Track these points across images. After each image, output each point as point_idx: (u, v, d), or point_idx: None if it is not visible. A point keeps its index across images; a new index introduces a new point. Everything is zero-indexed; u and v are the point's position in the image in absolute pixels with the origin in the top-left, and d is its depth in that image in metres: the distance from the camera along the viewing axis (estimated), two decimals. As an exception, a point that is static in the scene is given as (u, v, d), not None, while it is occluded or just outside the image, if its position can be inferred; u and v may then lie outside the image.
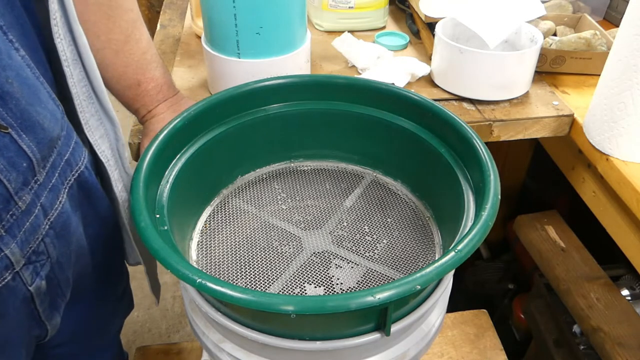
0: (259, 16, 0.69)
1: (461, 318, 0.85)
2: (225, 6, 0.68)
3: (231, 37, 0.71)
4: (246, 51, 0.72)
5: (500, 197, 0.45)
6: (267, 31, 0.70)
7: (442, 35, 0.79)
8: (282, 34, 0.73)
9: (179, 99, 0.66)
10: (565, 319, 0.92)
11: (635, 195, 0.66)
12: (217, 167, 0.58)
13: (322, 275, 0.51)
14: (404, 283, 0.37)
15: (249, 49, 0.72)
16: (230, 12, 0.68)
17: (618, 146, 0.69)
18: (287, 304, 0.36)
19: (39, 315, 0.52)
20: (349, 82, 0.60)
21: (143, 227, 0.41)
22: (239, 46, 0.72)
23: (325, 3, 0.97)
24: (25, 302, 0.49)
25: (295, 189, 0.61)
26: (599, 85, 0.71)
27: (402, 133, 0.58)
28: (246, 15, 0.69)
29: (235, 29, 0.70)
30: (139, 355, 0.81)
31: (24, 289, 0.48)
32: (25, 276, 0.48)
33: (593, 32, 0.84)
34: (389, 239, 0.56)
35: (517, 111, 0.78)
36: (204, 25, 0.76)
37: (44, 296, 0.51)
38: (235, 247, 0.54)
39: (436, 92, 0.82)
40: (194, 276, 0.37)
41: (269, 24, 0.70)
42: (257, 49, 0.72)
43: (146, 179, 0.46)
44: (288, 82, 0.59)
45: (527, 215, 1.04)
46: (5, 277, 0.46)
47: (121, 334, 0.76)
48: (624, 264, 0.93)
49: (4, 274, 0.45)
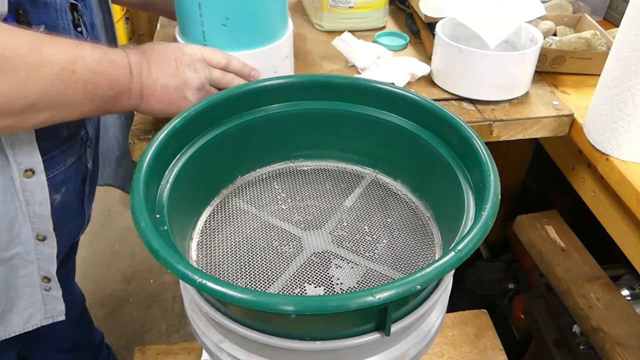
0: (225, 6, 0.65)
1: (461, 318, 0.85)
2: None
3: (197, 28, 0.67)
4: (213, 43, 0.68)
5: (500, 197, 0.45)
6: (234, 22, 0.66)
7: (442, 35, 0.79)
8: (252, 26, 0.68)
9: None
10: (565, 319, 0.92)
11: (635, 195, 0.66)
12: (217, 167, 0.58)
13: (322, 275, 0.51)
14: (404, 283, 0.37)
15: (215, 41, 0.68)
16: (194, 0, 0.65)
17: (618, 146, 0.69)
18: (287, 304, 0.36)
19: (83, 200, 0.71)
20: (348, 82, 0.60)
21: (143, 227, 0.41)
22: (205, 37, 0.68)
23: (325, 3, 0.97)
24: (83, 179, 0.70)
25: (295, 189, 0.61)
26: (599, 85, 0.71)
27: (402, 133, 0.58)
28: (211, 5, 0.65)
29: (200, 19, 0.66)
30: (139, 355, 0.81)
31: (84, 167, 0.69)
32: (87, 154, 0.69)
33: (593, 32, 0.84)
34: (389, 239, 0.56)
35: (517, 111, 0.78)
36: (176, 15, 0.72)
37: (89, 182, 0.71)
38: (235, 247, 0.54)
39: (436, 92, 0.82)
40: (194, 276, 0.37)
41: (236, 15, 0.66)
42: (224, 42, 0.68)
43: (146, 179, 0.46)
44: (288, 82, 0.59)
45: (527, 215, 1.04)
46: (83, 149, 0.67)
47: (121, 334, 0.77)
48: (624, 264, 0.93)
49: (83, 147, 0.67)
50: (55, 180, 0.64)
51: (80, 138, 0.67)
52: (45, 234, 0.63)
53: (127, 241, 1.76)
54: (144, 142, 0.72)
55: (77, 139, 0.67)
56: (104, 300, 1.56)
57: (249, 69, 0.67)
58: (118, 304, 1.57)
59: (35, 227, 0.61)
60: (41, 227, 0.62)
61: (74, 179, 0.68)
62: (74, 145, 0.66)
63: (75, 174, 0.68)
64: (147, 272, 1.69)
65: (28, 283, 0.65)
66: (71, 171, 0.66)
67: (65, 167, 0.65)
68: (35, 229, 0.62)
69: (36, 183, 0.59)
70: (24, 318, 0.67)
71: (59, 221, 0.65)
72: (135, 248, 1.75)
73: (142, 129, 0.73)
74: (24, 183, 0.58)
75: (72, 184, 0.68)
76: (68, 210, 0.69)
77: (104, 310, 1.53)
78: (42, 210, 0.61)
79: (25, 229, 0.61)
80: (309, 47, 0.96)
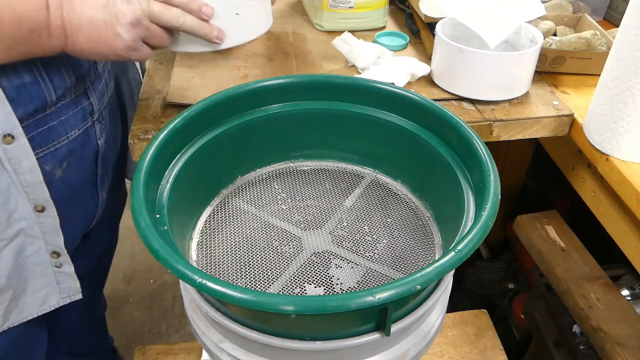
0: None
1: (461, 318, 0.85)
2: None
3: None
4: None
5: (500, 197, 0.45)
6: None
7: (442, 35, 0.79)
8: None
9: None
10: (565, 319, 0.92)
11: (635, 195, 0.66)
12: (217, 167, 0.58)
13: (322, 275, 0.51)
14: (404, 283, 0.37)
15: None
16: None
17: (618, 146, 0.69)
18: (287, 304, 0.36)
19: (96, 181, 0.69)
20: (348, 82, 0.60)
21: (143, 227, 0.41)
22: None
23: (325, 3, 0.97)
24: (94, 156, 0.67)
25: (295, 189, 0.61)
26: (599, 85, 0.71)
27: (402, 133, 0.58)
28: None
29: None
30: (139, 355, 0.81)
31: (95, 141, 0.66)
32: (97, 130, 0.66)
33: (593, 32, 0.84)
34: (389, 239, 0.56)
35: (517, 111, 0.78)
36: None
37: (102, 161, 0.69)
38: (235, 247, 0.54)
39: (436, 92, 0.82)
40: (194, 276, 0.37)
41: None
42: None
43: (146, 179, 0.46)
44: (288, 82, 0.59)
45: (527, 215, 1.04)
46: (87, 122, 0.64)
47: (121, 334, 0.77)
48: (624, 264, 0.93)
49: (87, 119, 0.64)
50: (57, 154, 0.61)
51: (83, 109, 0.64)
52: (44, 203, 0.59)
53: (127, 241, 1.76)
54: (144, 142, 0.72)
55: (78, 109, 0.63)
56: (106, 301, 1.56)
57: (199, 4, 0.56)
58: (118, 304, 1.57)
59: (31, 197, 0.58)
60: (37, 197, 0.58)
61: (80, 153, 0.65)
62: (75, 116, 0.63)
63: (81, 147, 0.65)
64: (147, 272, 1.69)
65: (38, 261, 0.62)
66: (75, 144, 0.63)
67: (68, 139, 0.62)
68: (32, 200, 0.58)
69: (18, 149, 0.55)
70: (39, 299, 0.64)
71: (66, 201, 0.63)
72: (135, 248, 1.75)
73: (142, 129, 0.73)
74: (5, 150, 0.54)
75: (77, 158, 0.65)
76: (76, 190, 0.66)
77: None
78: (32, 178, 0.57)
79: (22, 201, 0.58)
80: (309, 47, 0.96)
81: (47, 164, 0.61)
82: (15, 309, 0.64)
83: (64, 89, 0.61)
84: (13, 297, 0.62)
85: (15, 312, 0.63)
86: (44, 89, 0.58)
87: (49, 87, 0.58)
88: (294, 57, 0.92)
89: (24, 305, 0.64)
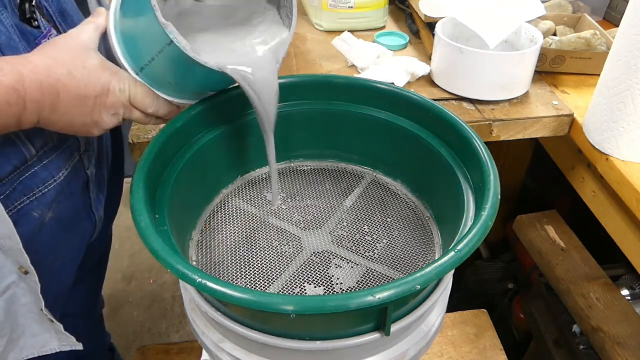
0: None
1: (461, 318, 0.85)
2: None
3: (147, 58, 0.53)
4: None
5: (500, 197, 0.45)
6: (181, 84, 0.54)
7: (442, 35, 0.79)
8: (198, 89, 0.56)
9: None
10: (565, 319, 0.92)
11: (635, 195, 0.66)
12: (217, 167, 0.58)
13: (322, 275, 0.51)
14: (404, 283, 0.37)
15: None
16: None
17: (618, 146, 0.69)
18: (287, 304, 0.36)
19: (91, 204, 0.67)
20: (349, 82, 0.60)
21: (143, 227, 0.41)
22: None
23: (325, 3, 0.97)
24: (84, 186, 0.65)
25: (295, 189, 0.61)
26: (598, 85, 0.71)
27: (402, 133, 0.58)
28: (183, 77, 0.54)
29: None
30: (139, 355, 0.81)
31: (84, 172, 0.64)
32: (85, 161, 0.63)
33: (593, 32, 0.84)
34: (389, 239, 0.56)
35: (517, 111, 0.78)
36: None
37: (94, 186, 0.66)
38: (235, 247, 0.54)
39: (436, 92, 0.82)
40: (194, 276, 0.37)
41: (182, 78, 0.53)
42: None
43: (146, 179, 0.46)
44: (288, 82, 0.59)
45: (527, 215, 1.04)
46: (75, 158, 0.61)
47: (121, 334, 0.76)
48: (624, 264, 0.93)
49: (74, 154, 0.61)
50: (44, 199, 0.57)
51: (69, 147, 0.60)
52: (27, 268, 0.55)
53: (127, 241, 1.76)
54: (144, 142, 0.72)
55: (64, 148, 0.59)
56: (104, 300, 1.56)
57: (175, 115, 0.56)
58: (118, 304, 1.57)
59: (14, 261, 0.54)
60: (20, 261, 0.54)
61: (69, 190, 0.61)
62: (60, 157, 0.59)
63: (69, 185, 0.61)
64: (147, 272, 1.69)
65: (32, 311, 0.59)
66: (63, 185, 0.59)
67: (55, 182, 0.58)
68: (15, 263, 0.55)
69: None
70: (39, 342, 0.61)
71: (60, 234, 0.61)
72: (135, 248, 1.75)
73: (142, 129, 0.73)
74: None
75: (67, 195, 0.61)
76: (71, 222, 0.64)
77: (104, 310, 1.53)
78: (13, 244, 0.53)
79: (8, 263, 0.54)
80: (309, 47, 0.96)
81: (35, 211, 0.57)
82: (15, 349, 0.61)
83: (44, 141, 0.56)
84: (10, 341, 0.60)
85: (14, 351, 0.61)
86: (22, 149, 0.54)
87: (27, 146, 0.55)
88: (294, 57, 0.92)
89: (24, 346, 0.61)
